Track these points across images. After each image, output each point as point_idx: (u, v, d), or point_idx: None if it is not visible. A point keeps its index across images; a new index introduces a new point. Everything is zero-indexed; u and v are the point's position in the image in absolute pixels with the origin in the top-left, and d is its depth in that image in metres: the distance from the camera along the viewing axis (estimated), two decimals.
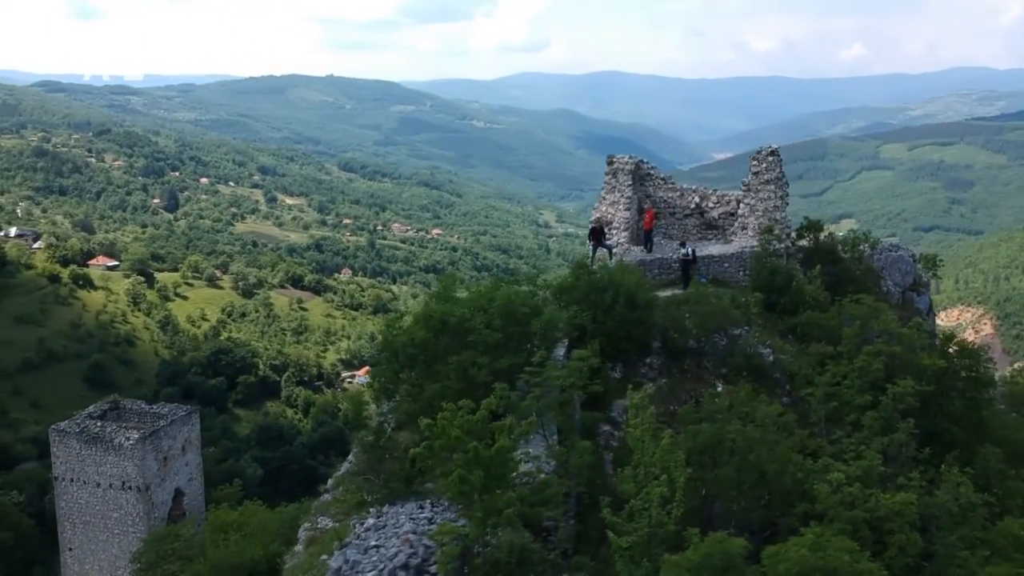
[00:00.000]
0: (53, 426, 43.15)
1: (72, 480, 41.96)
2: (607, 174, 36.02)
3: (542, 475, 16.94)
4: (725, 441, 19.50)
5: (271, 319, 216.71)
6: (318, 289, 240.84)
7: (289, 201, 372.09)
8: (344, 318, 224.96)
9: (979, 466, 24.57)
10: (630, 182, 35.05)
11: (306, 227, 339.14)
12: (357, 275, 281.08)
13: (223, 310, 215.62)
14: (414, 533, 16.54)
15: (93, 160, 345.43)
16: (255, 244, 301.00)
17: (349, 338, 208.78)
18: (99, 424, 42.35)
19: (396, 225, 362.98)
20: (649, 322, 27.80)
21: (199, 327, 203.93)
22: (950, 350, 27.70)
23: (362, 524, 18.00)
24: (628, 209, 34.60)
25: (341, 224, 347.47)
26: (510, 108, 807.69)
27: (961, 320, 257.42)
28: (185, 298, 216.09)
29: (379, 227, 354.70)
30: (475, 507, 14.99)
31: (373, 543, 16.48)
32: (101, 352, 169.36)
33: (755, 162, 35.17)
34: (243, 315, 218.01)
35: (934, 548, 19.31)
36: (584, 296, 26.61)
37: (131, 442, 40.65)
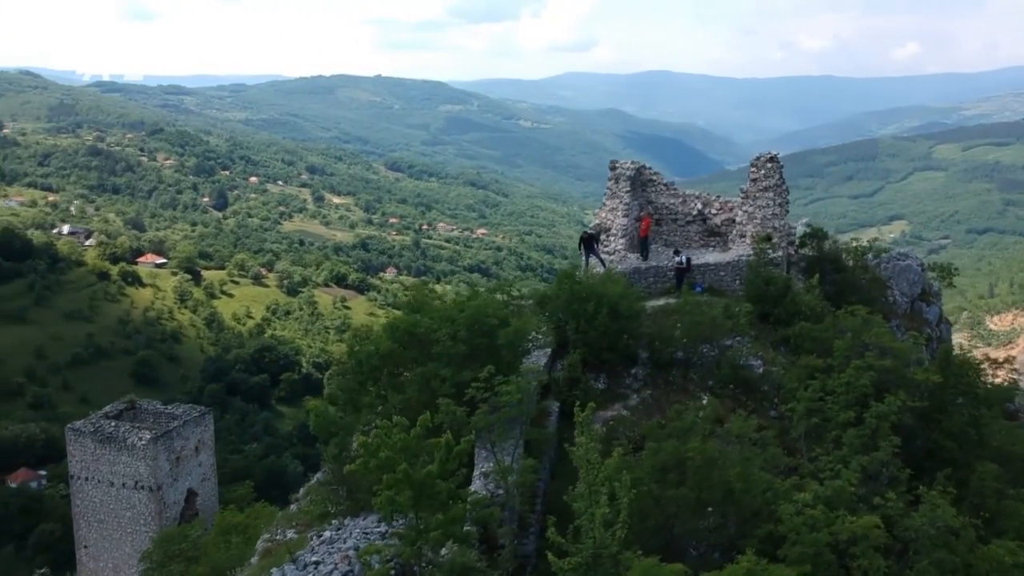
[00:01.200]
0: (69, 425, 43.97)
1: (87, 479, 42.66)
2: (609, 180, 35.56)
3: (485, 493, 16.67)
4: (685, 459, 18.95)
5: (315, 317, 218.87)
6: (361, 288, 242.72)
7: (336, 200, 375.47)
8: (387, 317, 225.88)
9: (974, 485, 23.74)
10: (628, 188, 34.50)
11: (352, 226, 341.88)
12: (402, 274, 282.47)
13: (268, 308, 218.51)
14: (356, 549, 16.38)
15: (145, 159, 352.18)
16: (302, 243, 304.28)
17: None
18: (113, 424, 42.96)
19: (441, 224, 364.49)
20: (633, 332, 27.32)
21: (244, 324, 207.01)
22: (950, 365, 26.71)
23: (319, 536, 17.89)
24: (626, 216, 34.09)
25: (387, 223, 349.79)
26: (557, 108, 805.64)
27: (1015, 324, 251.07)
28: (231, 296, 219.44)
29: (425, 226, 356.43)
30: (405, 527, 14.80)
31: (313, 559, 16.36)
32: (148, 348, 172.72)
33: (753, 169, 34.38)
34: (287, 313, 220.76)
35: (907, 573, 18.59)
36: (566, 305, 26.27)
37: (143, 442, 41.18)
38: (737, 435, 20.61)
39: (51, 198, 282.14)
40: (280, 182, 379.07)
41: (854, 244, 38.14)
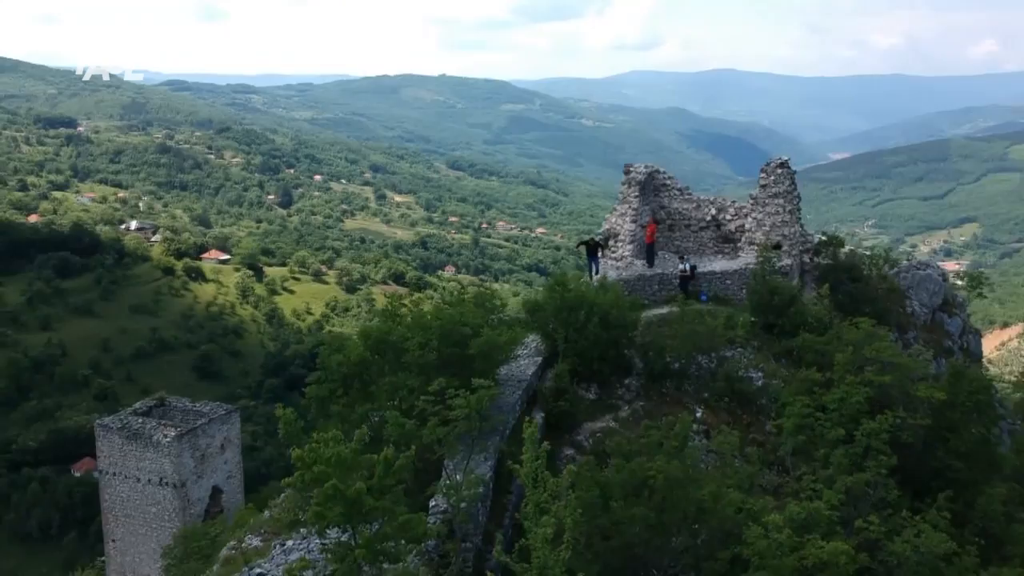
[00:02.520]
0: (98, 421, 45.00)
1: (115, 474, 43.55)
2: (623, 183, 34.93)
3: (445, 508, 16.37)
4: (647, 478, 18.31)
5: (372, 314, 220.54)
6: (419, 286, 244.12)
7: (398, 199, 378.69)
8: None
9: (981, 507, 22.67)
10: (637, 193, 33.80)
11: (413, 224, 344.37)
12: (460, 272, 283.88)
13: (327, 304, 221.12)
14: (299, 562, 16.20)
15: (213, 157, 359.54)
16: (363, 240, 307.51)
17: None
18: (140, 420, 43.83)
19: (501, 223, 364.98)
20: (625, 342, 26.66)
21: (303, 321, 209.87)
22: (960, 381, 25.52)
23: (282, 545, 17.78)
24: (634, 221, 33.43)
25: (447, 222, 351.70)
26: (621, 107, 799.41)
27: None
28: (292, 292, 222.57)
29: (484, 225, 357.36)
30: (334, 544, 14.58)
31: (257, 571, 16.25)
32: (210, 343, 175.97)
33: (763, 174, 33.35)
34: (346, 310, 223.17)
35: None
36: (556, 314, 25.76)
37: (168, 439, 41.90)
38: (717, 451, 19.92)
39: (121, 194, 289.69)
40: (343, 180, 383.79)
41: (869, 253, 36.83)
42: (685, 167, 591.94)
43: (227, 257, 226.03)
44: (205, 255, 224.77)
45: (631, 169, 35.31)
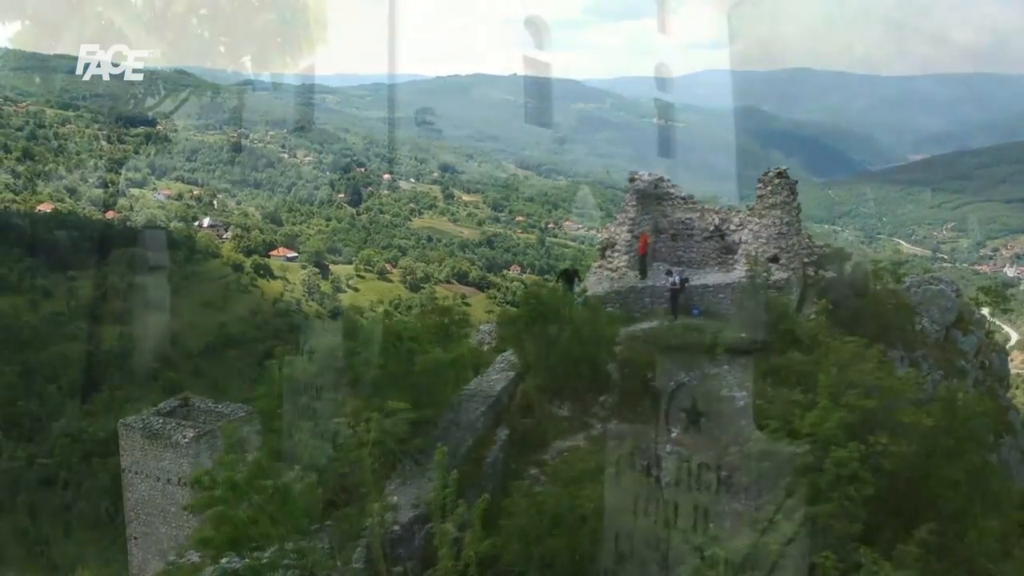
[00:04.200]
0: (121, 420, 45.70)
1: (136, 473, 44.27)
2: (628, 192, 34.11)
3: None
4: (576, 508, 17.51)
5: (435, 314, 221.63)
6: (482, 285, 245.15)
7: (465, 198, 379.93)
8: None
9: (971, 542, 21.24)
10: (634, 202, 32.92)
11: (480, 223, 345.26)
12: (525, 272, 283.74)
13: (390, 303, 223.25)
14: None
15: (286, 156, 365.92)
16: (429, 239, 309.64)
17: None
18: (161, 420, 44.46)
19: (567, 223, 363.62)
20: (604, 357, 25.80)
21: (367, 319, 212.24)
22: (955, 404, 24.02)
23: (228, 561, 17.55)
24: (631, 231, 32.54)
25: (513, 221, 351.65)
26: (692, 106, 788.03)
27: None
28: (356, 290, 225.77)
29: (550, 225, 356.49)
30: (219, 572, 14.29)
31: None
32: (275, 339, 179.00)
33: (760, 185, 32.08)
34: (409, 308, 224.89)
35: None
36: (527, 327, 25.07)
37: (186, 440, 42.42)
38: (673, 477, 19.03)
39: (196, 192, 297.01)
40: (412, 179, 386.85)
41: (876, 266, 35.19)
42: (758, 167, 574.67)
43: (295, 254, 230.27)
44: (273, 252, 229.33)
45: (635, 177, 34.47)
